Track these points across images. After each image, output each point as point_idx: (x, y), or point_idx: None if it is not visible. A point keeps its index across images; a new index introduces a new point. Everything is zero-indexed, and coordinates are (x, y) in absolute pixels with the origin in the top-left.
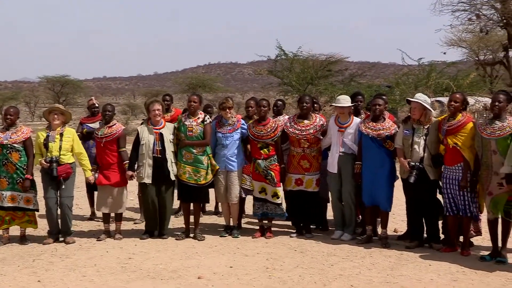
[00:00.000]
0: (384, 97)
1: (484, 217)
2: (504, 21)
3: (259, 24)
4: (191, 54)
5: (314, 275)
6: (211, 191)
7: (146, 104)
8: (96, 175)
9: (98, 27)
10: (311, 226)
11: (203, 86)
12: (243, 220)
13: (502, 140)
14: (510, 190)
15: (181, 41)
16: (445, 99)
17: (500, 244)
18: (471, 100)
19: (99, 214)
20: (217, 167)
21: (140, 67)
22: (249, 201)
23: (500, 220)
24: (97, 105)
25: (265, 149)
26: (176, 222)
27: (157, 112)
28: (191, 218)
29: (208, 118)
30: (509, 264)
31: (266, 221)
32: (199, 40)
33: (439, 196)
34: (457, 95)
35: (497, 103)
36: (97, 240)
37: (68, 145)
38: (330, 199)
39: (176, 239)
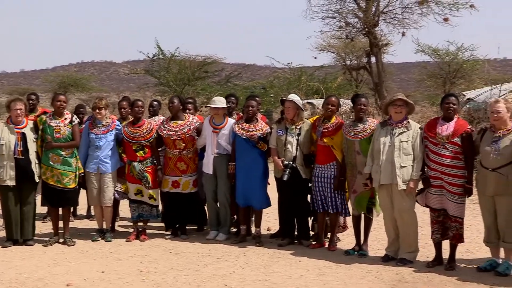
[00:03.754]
0: (257, 98)
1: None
2: (366, 29)
3: (135, 22)
4: (62, 51)
5: (189, 276)
6: (83, 194)
7: (7, 103)
8: None
9: None
10: (192, 227)
11: (75, 85)
12: (117, 223)
13: (364, 142)
14: (372, 188)
15: (51, 37)
16: (316, 101)
17: (362, 238)
18: None
19: None
20: (81, 170)
21: (4, 63)
22: (123, 203)
23: (363, 216)
24: None
25: (141, 151)
26: (43, 227)
27: (18, 112)
28: (60, 223)
29: (76, 118)
30: (369, 256)
31: (141, 223)
32: (71, 37)
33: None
34: (333, 99)
35: (362, 107)
36: None
37: None
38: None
39: (44, 246)
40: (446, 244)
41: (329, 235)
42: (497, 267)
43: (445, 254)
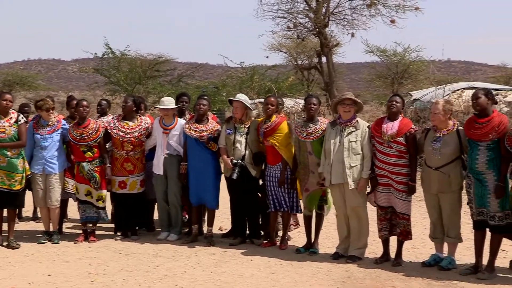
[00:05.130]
0: (205, 97)
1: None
2: (317, 29)
3: (84, 19)
4: (7, 48)
5: (139, 277)
6: (29, 195)
7: None
8: None
9: None
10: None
11: (21, 84)
12: (65, 225)
13: (316, 142)
14: (325, 187)
15: None
16: None
17: (313, 236)
18: (290, 101)
19: None
20: (29, 172)
21: None
22: (71, 204)
23: (314, 214)
24: None
25: (89, 152)
26: None
27: None
28: (5, 225)
29: (22, 118)
30: (320, 254)
31: (90, 225)
32: (16, 34)
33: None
34: (272, 99)
35: (312, 105)
36: None
37: None
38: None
39: None
40: (393, 241)
41: (280, 233)
42: (440, 262)
43: (392, 250)
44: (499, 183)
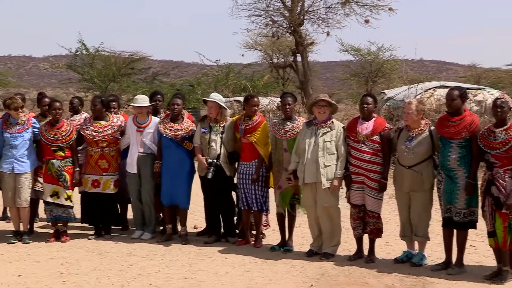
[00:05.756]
0: (180, 96)
1: (274, 210)
2: (292, 28)
3: (56, 15)
4: None
5: (112, 276)
6: None
7: None
8: None
9: None
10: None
11: None
12: (36, 224)
13: (291, 140)
14: (296, 184)
15: None
16: (243, 99)
17: (287, 234)
18: (265, 100)
19: None
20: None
21: None
22: (42, 203)
23: (287, 213)
24: None
25: (60, 152)
26: None
27: None
28: None
29: None
30: (294, 252)
31: (61, 224)
32: None
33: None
34: (255, 99)
35: (287, 106)
36: None
37: None
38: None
39: None
40: (366, 238)
41: (254, 231)
42: (412, 258)
43: (366, 247)
44: (469, 180)
